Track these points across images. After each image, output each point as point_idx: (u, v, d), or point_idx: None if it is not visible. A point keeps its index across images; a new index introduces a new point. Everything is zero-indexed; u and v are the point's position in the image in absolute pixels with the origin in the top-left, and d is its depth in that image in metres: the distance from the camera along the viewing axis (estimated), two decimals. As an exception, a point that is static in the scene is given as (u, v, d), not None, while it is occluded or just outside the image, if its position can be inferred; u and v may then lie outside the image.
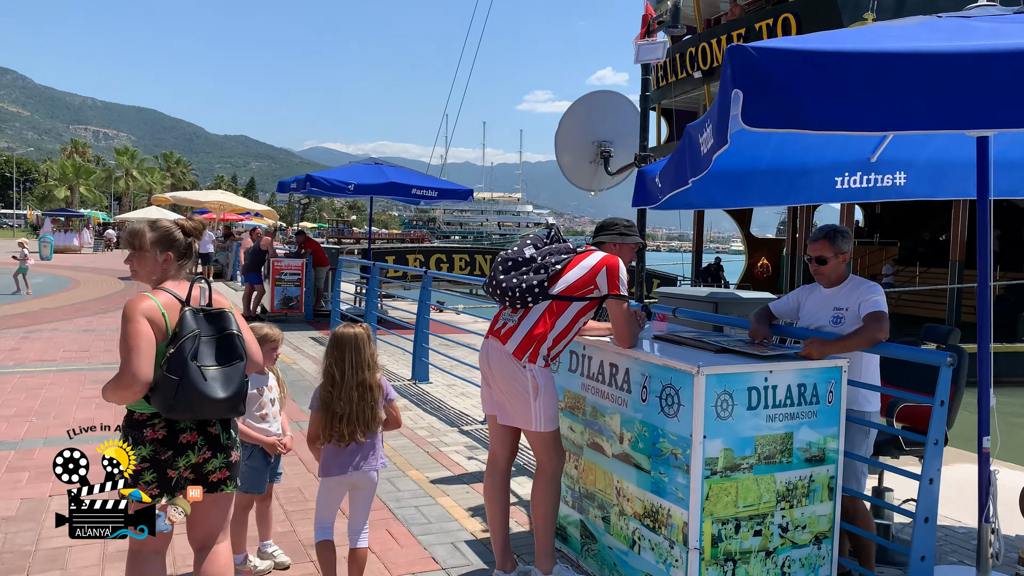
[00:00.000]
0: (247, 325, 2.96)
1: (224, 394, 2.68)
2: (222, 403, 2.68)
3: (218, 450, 2.82)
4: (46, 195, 72.06)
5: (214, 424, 2.81)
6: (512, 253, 3.57)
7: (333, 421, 3.31)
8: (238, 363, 2.75)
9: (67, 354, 9.62)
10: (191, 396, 2.64)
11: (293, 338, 11.67)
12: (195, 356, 2.68)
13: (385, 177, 13.20)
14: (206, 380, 2.67)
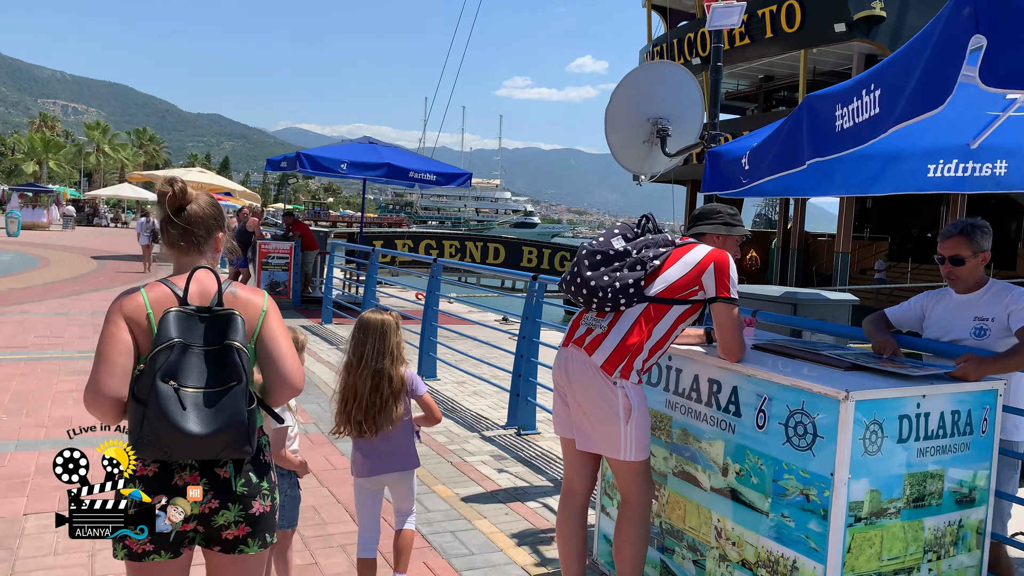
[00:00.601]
0: (285, 332, 2.21)
1: (199, 429, 1.95)
2: (198, 441, 1.95)
3: (230, 499, 2.11)
4: (13, 169, 69.87)
5: (222, 463, 2.09)
6: (599, 245, 2.96)
7: (346, 409, 3.11)
8: (233, 386, 2.00)
9: (39, 340, 8.84)
10: (158, 429, 1.96)
11: (282, 326, 10.97)
12: (172, 374, 1.97)
13: (380, 158, 12.51)
14: (184, 408, 1.96)
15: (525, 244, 20.48)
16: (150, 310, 2.09)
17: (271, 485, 2.20)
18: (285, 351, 2.15)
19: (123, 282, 15.81)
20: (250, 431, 2.04)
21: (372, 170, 12.31)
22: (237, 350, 2.03)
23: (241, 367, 2.02)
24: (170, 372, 1.98)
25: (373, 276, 9.69)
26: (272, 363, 2.13)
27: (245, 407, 2.02)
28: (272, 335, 2.15)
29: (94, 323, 10.25)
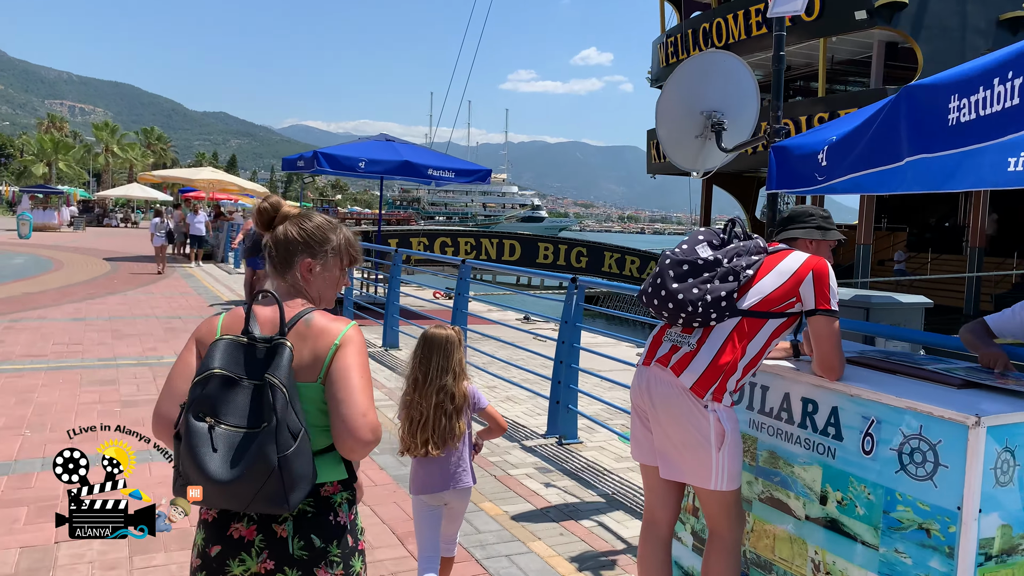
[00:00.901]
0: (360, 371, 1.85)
1: (222, 474, 1.71)
2: (222, 488, 1.73)
3: (286, 563, 1.84)
4: (23, 171, 69.97)
5: (280, 519, 1.84)
6: (684, 254, 2.70)
7: (412, 428, 3.05)
8: (265, 427, 1.73)
9: (58, 348, 8.65)
10: (187, 469, 1.78)
11: (303, 329, 10.76)
12: (209, 409, 1.76)
13: (398, 155, 12.26)
14: (214, 450, 1.73)
15: (541, 240, 20.21)
16: (219, 334, 1.89)
17: (346, 551, 1.90)
18: (352, 395, 1.80)
19: (138, 284, 15.64)
20: (286, 483, 1.73)
21: (390, 168, 12.07)
22: (271, 386, 1.75)
23: (272, 407, 1.73)
24: (206, 407, 1.76)
25: (397, 277, 9.45)
26: (334, 407, 1.81)
27: (274, 453, 1.72)
28: (340, 374, 1.82)
29: (112, 329, 10.06)
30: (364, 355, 1.91)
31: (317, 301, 2.01)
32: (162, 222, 18.66)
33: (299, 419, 1.78)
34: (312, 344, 1.86)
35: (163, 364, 7.97)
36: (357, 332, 1.93)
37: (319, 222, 2.02)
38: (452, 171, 12.41)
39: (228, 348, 1.82)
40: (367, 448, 1.80)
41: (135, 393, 6.72)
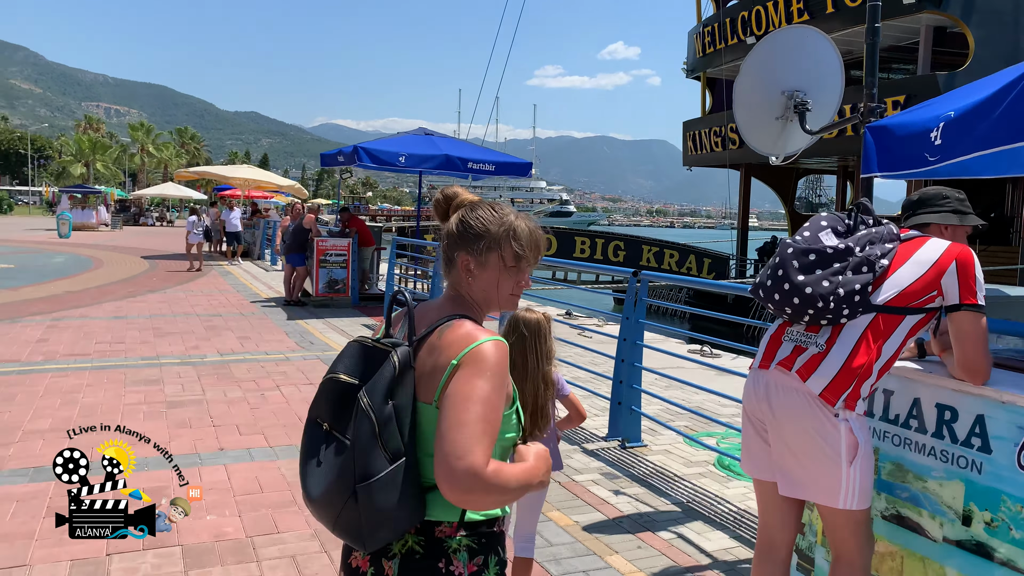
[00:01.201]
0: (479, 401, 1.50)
1: (313, 489, 1.55)
2: (311, 504, 1.58)
3: None
4: (61, 172, 71.16)
5: (391, 554, 1.58)
6: (806, 242, 2.40)
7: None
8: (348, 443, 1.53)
9: (100, 347, 8.54)
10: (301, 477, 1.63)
11: (343, 325, 10.57)
12: (325, 416, 1.60)
13: (438, 149, 12.03)
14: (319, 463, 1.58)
15: (577, 235, 19.88)
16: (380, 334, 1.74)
17: None
18: (455, 430, 1.46)
19: (176, 282, 15.62)
20: (364, 517, 1.50)
21: (430, 162, 11.85)
22: (359, 404, 1.52)
23: (353, 423, 1.53)
24: (320, 412, 1.61)
25: (440, 273, 9.20)
26: (437, 437, 1.50)
27: (351, 476, 1.50)
28: (450, 400, 1.50)
29: (153, 327, 9.96)
30: (492, 381, 1.53)
31: (477, 307, 1.69)
32: (198, 220, 18.67)
33: (403, 444, 1.52)
34: (435, 358, 1.58)
35: (206, 363, 7.82)
36: (494, 351, 1.56)
37: (482, 212, 1.70)
38: (492, 164, 12.15)
39: (355, 351, 1.62)
40: (460, 499, 1.48)
41: (180, 393, 6.55)
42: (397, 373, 1.54)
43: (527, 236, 1.69)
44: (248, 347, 8.84)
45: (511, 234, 1.67)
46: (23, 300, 12.26)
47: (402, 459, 1.52)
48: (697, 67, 26.52)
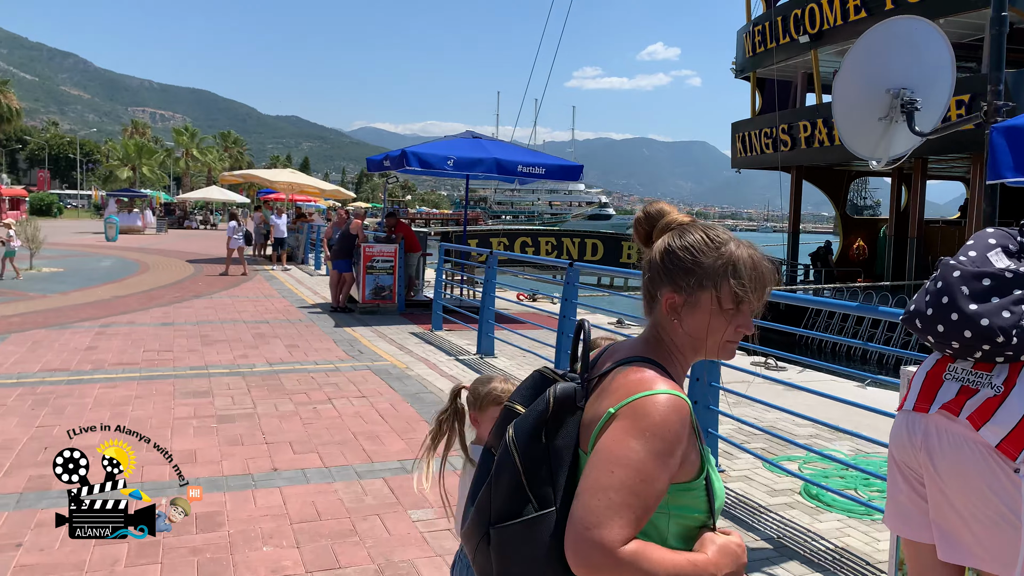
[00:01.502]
0: (623, 463, 1.22)
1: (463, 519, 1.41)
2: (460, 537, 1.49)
3: None
4: (109, 175, 72.68)
5: None
6: (975, 263, 2.03)
7: None
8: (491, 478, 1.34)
9: (149, 355, 8.41)
10: None
11: (392, 333, 10.33)
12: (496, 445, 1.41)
13: (487, 152, 11.75)
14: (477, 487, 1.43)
15: (624, 239, 19.42)
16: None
17: None
18: (590, 494, 1.22)
19: (222, 287, 15.58)
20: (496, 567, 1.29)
21: (479, 166, 11.57)
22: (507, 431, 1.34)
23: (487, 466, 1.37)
24: (493, 442, 1.43)
25: (492, 281, 8.91)
26: (574, 496, 1.26)
27: (487, 514, 1.32)
28: (596, 457, 1.25)
29: (201, 334, 9.83)
30: (651, 444, 1.23)
31: (680, 353, 1.40)
32: (238, 225, 18.68)
33: (554, 493, 1.27)
34: (598, 404, 1.31)
35: (255, 373, 7.63)
36: (662, 407, 1.26)
37: (693, 239, 1.37)
38: (542, 167, 11.83)
39: (533, 380, 1.44)
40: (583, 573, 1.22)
41: (230, 406, 6.34)
42: (550, 411, 1.31)
43: (749, 271, 1.36)
44: (297, 356, 8.64)
45: (730, 269, 1.35)
46: (72, 305, 12.28)
47: (550, 509, 1.27)
48: (746, 67, 25.89)
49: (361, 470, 4.91)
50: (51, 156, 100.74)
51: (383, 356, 8.75)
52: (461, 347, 9.51)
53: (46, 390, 6.65)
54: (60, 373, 7.37)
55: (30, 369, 7.51)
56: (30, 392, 6.59)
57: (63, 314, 11.26)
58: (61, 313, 11.36)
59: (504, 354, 9.07)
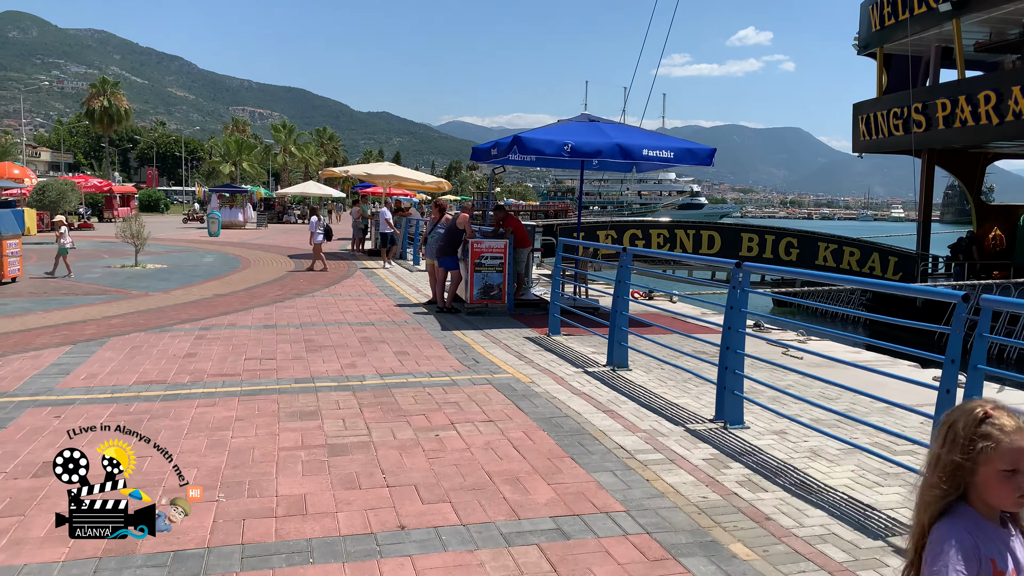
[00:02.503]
0: None
1: None
2: None
3: None
4: (211, 172, 75.11)
5: None
6: None
7: None
8: None
9: (250, 364, 7.70)
10: None
11: (504, 338, 9.35)
12: None
13: (607, 137, 10.59)
14: None
15: (744, 231, 17.85)
16: None
17: None
18: None
19: (323, 283, 15.03)
20: None
21: (599, 151, 10.43)
22: None
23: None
24: None
25: (626, 282, 7.78)
26: None
27: None
28: None
29: (305, 338, 9.12)
30: None
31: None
32: (320, 220, 18.20)
33: None
34: None
35: (366, 387, 6.77)
36: None
37: None
38: (670, 151, 10.58)
39: None
40: None
41: (341, 432, 5.47)
42: None
43: None
44: (408, 365, 7.76)
45: None
46: (174, 304, 11.87)
47: None
48: (872, 42, 23.73)
49: (507, 530, 3.91)
50: (159, 154, 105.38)
51: (502, 367, 7.77)
52: (586, 356, 8.43)
53: (140, 409, 5.96)
54: (156, 387, 6.70)
55: (126, 381, 6.88)
56: (123, 411, 5.91)
57: (164, 315, 10.80)
58: (162, 314, 10.91)
59: (639, 365, 7.94)
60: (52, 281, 14.97)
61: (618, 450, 5.19)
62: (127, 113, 73.77)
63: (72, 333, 9.29)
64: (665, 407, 6.36)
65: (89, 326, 9.86)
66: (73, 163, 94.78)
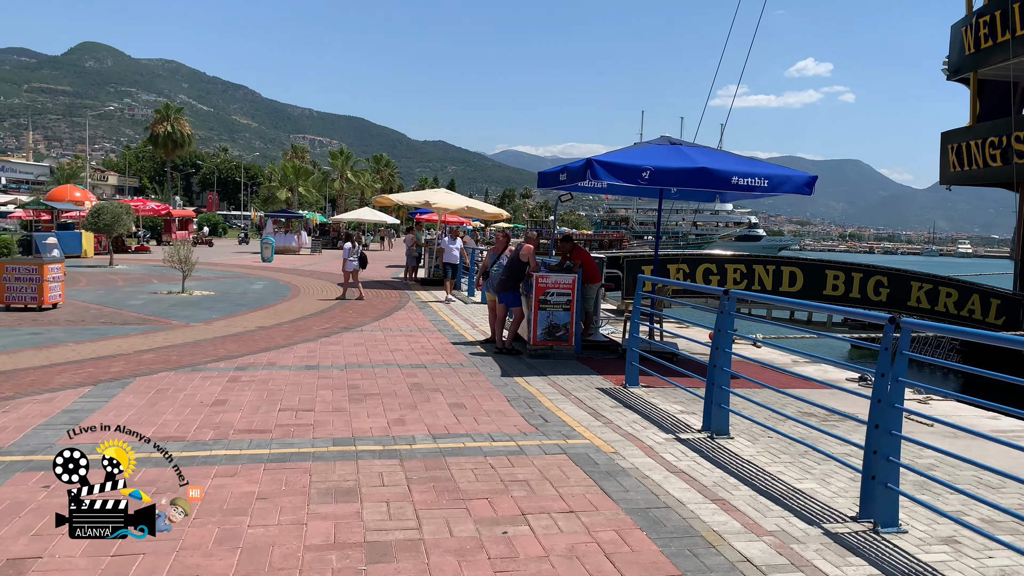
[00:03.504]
0: None
1: None
2: None
3: None
4: (269, 196, 75.94)
5: None
6: None
7: None
8: None
9: (284, 416, 6.66)
10: None
11: (575, 388, 8.14)
12: None
13: (690, 161, 9.39)
14: None
15: (829, 267, 16.36)
16: None
17: None
18: None
19: (374, 316, 14.05)
20: None
21: (682, 177, 9.23)
22: None
23: None
24: None
25: (729, 331, 6.49)
26: None
27: None
28: None
29: (348, 383, 8.07)
30: None
31: None
32: (354, 247, 17.31)
33: None
34: None
35: (416, 454, 5.64)
36: None
37: None
38: (765, 178, 9.30)
39: None
40: None
41: (384, 523, 4.33)
42: None
43: None
44: (465, 423, 6.62)
45: None
46: (213, 338, 10.99)
47: None
48: (964, 66, 22.04)
49: None
50: (220, 179, 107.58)
51: (576, 429, 6.57)
52: (674, 417, 7.16)
53: (146, 478, 4.92)
54: (174, 443, 5.68)
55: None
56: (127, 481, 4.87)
57: (200, 350, 9.90)
58: (198, 349, 10.02)
59: (743, 432, 6.64)
60: (94, 308, 14.31)
61: (744, 564, 3.93)
62: (190, 138, 75.24)
63: (97, 370, 8.41)
64: (788, 495, 5.06)
65: (117, 362, 9.00)
66: (139, 187, 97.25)
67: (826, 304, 9.60)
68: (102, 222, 25.33)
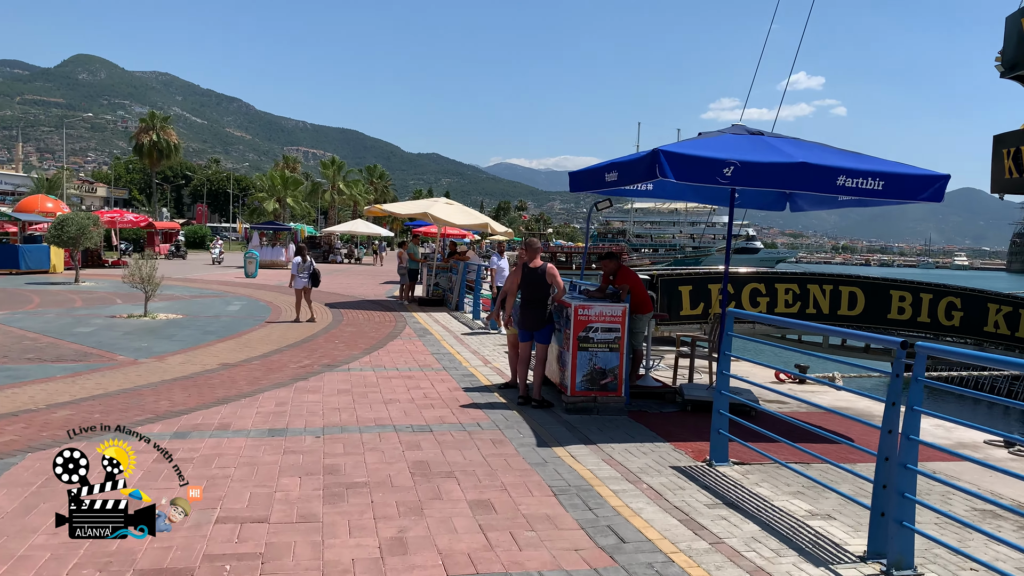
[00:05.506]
0: None
1: None
2: None
3: None
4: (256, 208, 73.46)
5: None
6: None
7: None
8: None
9: (218, 540, 4.27)
10: None
11: (643, 467, 5.79)
12: None
13: (784, 155, 7.07)
14: None
15: (894, 288, 14.08)
16: None
17: None
18: None
19: (364, 348, 11.67)
20: None
21: (772, 175, 6.90)
22: None
23: None
24: None
25: (916, 406, 4.16)
26: None
27: None
28: None
29: (324, 464, 5.70)
30: None
31: None
32: (304, 262, 14.97)
33: None
34: None
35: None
36: None
37: None
38: (880, 179, 6.99)
39: None
40: None
41: None
42: None
43: None
44: (499, 548, 4.25)
45: None
46: (160, 382, 8.60)
47: None
48: (1021, 62, 19.86)
49: None
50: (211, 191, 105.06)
51: (673, 559, 4.20)
52: (807, 527, 4.80)
53: None
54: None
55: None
56: None
57: (135, 403, 7.52)
58: (133, 401, 7.63)
59: (931, 560, 4.27)
60: (29, 337, 11.89)
61: None
62: (176, 147, 72.78)
63: (-25, 442, 6.03)
64: None
65: (16, 423, 6.63)
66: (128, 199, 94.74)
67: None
68: (66, 234, 22.88)
